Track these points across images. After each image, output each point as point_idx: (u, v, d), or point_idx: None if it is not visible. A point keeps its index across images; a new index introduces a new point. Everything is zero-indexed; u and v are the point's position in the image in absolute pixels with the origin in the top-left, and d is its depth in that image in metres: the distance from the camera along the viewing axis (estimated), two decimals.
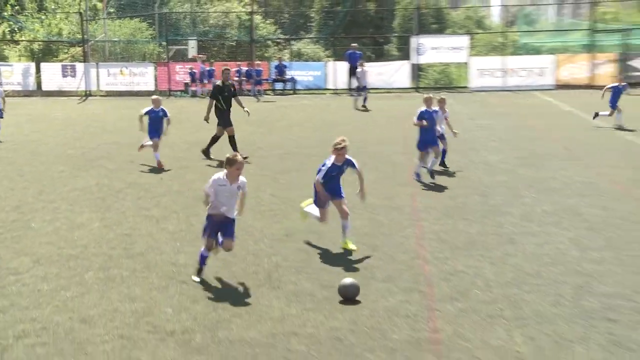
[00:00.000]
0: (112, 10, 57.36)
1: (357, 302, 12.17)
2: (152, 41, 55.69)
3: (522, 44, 56.73)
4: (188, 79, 49.33)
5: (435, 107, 22.32)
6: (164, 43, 54.82)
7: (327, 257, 14.51)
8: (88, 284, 13.53)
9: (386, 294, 12.58)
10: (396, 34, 56.17)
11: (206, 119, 27.26)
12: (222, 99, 26.68)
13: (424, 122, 21.43)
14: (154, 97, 26.50)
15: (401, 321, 11.46)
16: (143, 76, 51.40)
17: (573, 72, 52.47)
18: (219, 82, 28.13)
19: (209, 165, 24.73)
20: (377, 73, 47.62)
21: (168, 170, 24.12)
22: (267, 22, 57.99)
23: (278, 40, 56.00)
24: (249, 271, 13.98)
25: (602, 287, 12.86)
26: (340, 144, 14.63)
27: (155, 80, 51.20)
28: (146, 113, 25.07)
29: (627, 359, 10.11)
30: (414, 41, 51.68)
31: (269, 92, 50.29)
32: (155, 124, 25.10)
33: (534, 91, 50.02)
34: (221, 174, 13.25)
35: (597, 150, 26.90)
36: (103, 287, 13.36)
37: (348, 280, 12.13)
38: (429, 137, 21.67)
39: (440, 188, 20.66)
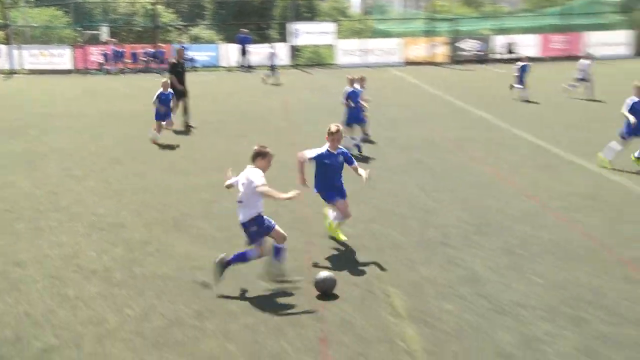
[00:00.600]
0: None
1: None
2: (68, 27, 54.37)
3: (377, 29, 57.59)
4: (102, 59, 48.68)
5: (358, 86, 20.44)
6: (79, 29, 53.61)
7: (226, 206, 14.46)
8: (19, 234, 13.30)
9: None
10: (277, 21, 56.15)
11: (177, 89, 24.94)
12: (176, 74, 25.46)
13: (352, 103, 19.61)
14: (164, 80, 23.53)
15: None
16: (61, 57, 50.06)
17: (416, 52, 53.83)
18: (174, 60, 26.65)
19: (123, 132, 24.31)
20: (262, 54, 47.73)
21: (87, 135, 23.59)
22: (169, 10, 57.55)
23: (178, 26, 55.50)
24: (160, 219, 13.92)
25: (440, 220, 13.26)
26: (331, 129, 11.85)
27: (74, 60, 50.07)
28: (158, 97, 22.52)
29: (458, 273, 10.50)
30: (291, 27, 52.21)
31: None
32: (167, 106, 22.74)
33: (387, 67, 50.78)
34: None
35: (435, 114, 27.33)
36: (33, 236, 13.14)
37: (324, 274, 10.54)
38: (354, 114, 19.85)
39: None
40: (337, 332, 8.71)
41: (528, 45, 53.39)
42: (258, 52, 48.88)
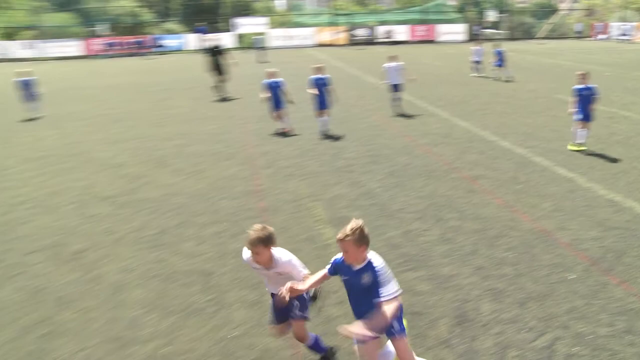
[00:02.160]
0: None
1: (213, 173, 12.23)
2: (78, 25, 52.02)
3: (296, 21, 56.93)
4: (102, 48, 47.14)
5: (322, 74, 15.68)
6: (85, 27, 51.26)
7: (195, 148, 14.28)
8: (53, 172, 13.01)
9: (229, 167, 12.66)
10: (225, 16, 55.09)
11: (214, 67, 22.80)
12: (213, 55, 23.03)
13: (316, 91, 15.41)
14: (271, 70, 16.40)
15: (239, 181, 11.59)
16: (72, 47, 47.86)
17: (324, 37, 53.36)
18: (210, 45, 23.92)
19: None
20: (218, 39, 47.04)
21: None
22: (147, 10, 55.86)
23: (154, 22, 53.91)
24: (149, 159, 13.73)
25: (346, 154, 13.36)
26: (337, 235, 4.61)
27: (82, 49, 48.22)
28: (266, 86, 15.93)
29: (359, 190, 10.64)
30: (236, 21, 51.24)
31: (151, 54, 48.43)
32: (276, 94, 15.86)
33: (304, 48, 50.46)
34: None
35: (338, 80, 27.05)
36: (61, 173, 12.88)
37: None
38: (322, 100, 15.49)
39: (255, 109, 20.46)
40: (277, 235, 8.78)
41: (400, 32, 54.14)
42: (211, 39, 47.65)
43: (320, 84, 15.47)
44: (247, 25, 51.54)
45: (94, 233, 9.31)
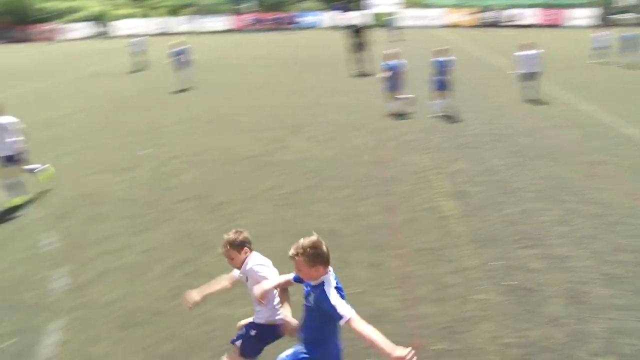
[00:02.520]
0: None
1: (343, 142, 12.27)
2: (227, 3, 53.48)
3: (427, 2, 55.01)
4: (249, 22, 48.37)
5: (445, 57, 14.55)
6: (234, 6, 52.62)
7: (327, 118, 14.35)
8: (210, 132, 13.66)
9: (358, 137, 12.64)
10: None
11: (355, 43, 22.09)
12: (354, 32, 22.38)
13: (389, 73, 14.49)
14: (391, 51, 15.11)
15: (366, 151, 11.58)
16: (223, 22, 49.21)
17: (454, 18, 51.15)
18: (354, 23, 23.95)
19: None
20: (358, 17, 46.50)
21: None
22: None
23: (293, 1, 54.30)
24: (284, 125, 14.01)
25: (469, 131, 12.91)
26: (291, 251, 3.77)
27: (232, 23, 49.56)
28: (386, 68, 14.75)
29: (481, 167, 10.28)
30: (370, 0, 50.28)
31: None
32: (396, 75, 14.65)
33: (435, 28, 49.05)
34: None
35: (461, 61, 26.07)
36: (210, 134, 13.48)
37: None
38: (441, 82, 14.32)
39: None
40: (399, 203, 8.72)
41: (528, 16, 50.74)
42: (350, 17, 47.29)
43: (441, 66, 14.45)
44: (381, 5, 50.59)
45: (234, 188, 9.68)
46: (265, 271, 4.30)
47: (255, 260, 4.37)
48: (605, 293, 5.98)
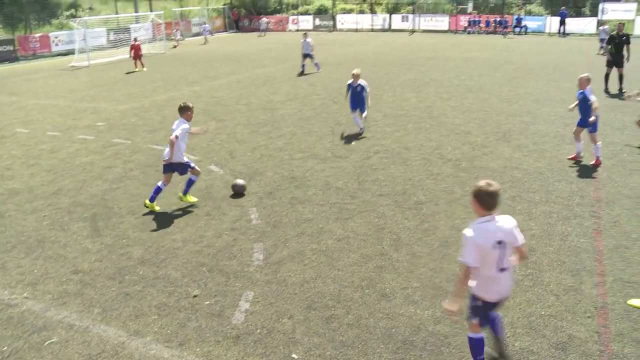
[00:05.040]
0: None
1: (553, 154, 11.48)
2: (449, 2, 52.62)
3: None
4: (466, 24, 47.14)
5: None
6: (455, 4, 51.54)
7: (539, 127, 13.57)
8: (408, 130, 13.74)
9: (571, 150, 11.73)
10: (590, 0, 49.95)
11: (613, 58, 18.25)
12: (615, 45, 18.17)
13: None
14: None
15: (578, 166, 10.71)
16: (442, 22, 48.45)
17: None
18: (613, 33, 18.68)
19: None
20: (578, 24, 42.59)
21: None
22: None
23: (518, 3, 51.35)
24: (494, 131, 13.51)
25: None
26: None
27: (449, 24, 48.69)
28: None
29: None
30: (601, 5, 45.73)
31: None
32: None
33: None
34: None
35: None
36: (415, 132, 13.52)
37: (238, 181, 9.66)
38: None
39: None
40: (608, 227, 7.95)
41: None
42: (572, 24, 43.70)
43: None
44: (614, 11, 45.81)
45: (434, 189, 9.64)
46: None
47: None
48: None
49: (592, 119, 10.35)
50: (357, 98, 13.27)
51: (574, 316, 5.77)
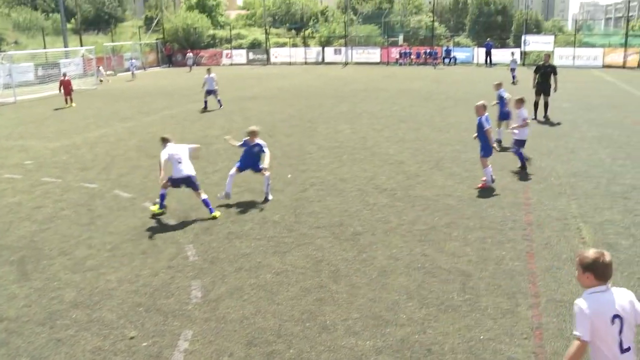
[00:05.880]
0: None
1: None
2: (379, 36, 54.00)
3: (584, 41, 51.74)
4: (397, 56, 48.62)
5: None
6: (386, 37, 53.24)
7: (470, 155, 13.98)
8: (344, 161, 13.86)
9: (502, 177, 12.10)
10: (513, 34, 52.68)
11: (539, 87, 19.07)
12: (541, 75, 18.82)
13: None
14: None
15: (509, 192, 11.05)
16: (374, 54, 49.81)
17: (613, 58, 47.42)
18: (540, 62, 19.78)
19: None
20: (501, 55, 44.75)
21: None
22: (441, 25, 55.68)
23: (447, 35, 53.47)
24: (427, 160, 13.79)
25: (622, 180, 11.86)
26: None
27: (380, 56, 50.04)
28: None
29: (635, 220, 9.38)
30: (523, 38, 48.23)
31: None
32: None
33: (590, 69, 45.92)
34: None
35: (624, 103, 24.12)
36: (351, 164, 13.64)
37: None
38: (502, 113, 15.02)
39: None
40: (539, 250, 8.20)
41: None
42: (498, 55, 45.72)
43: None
44: (535, 42, 48.42)
45: (371, 219, 9.69)
46: None
47: None
48: None
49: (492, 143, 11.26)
50: (251, 158, 11.00)
51: (511, 338, 5.86)
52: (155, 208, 10.25)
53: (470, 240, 8.61)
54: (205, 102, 23.73)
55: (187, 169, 10.05)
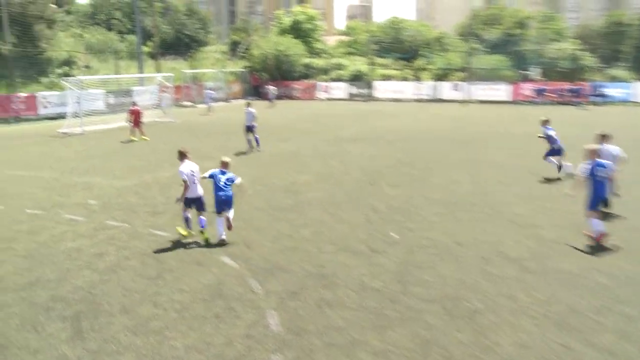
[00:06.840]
0: None
1: None
2: (509, 68, 52.29)
3: None
4: (532, 93, 47.51)
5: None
6: (517, 70, 51.50)
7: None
8: (461, 220, 13.52)
9: None
10: None
11: None
12: None
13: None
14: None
15: None
16: (501, 91, 48.88)
17: None
18: None
19: None
20: None
21: None
22: (589, 54, 52.93)
23: (597, 67, 50.93)
24: (570, 221, 13.15)
25: None
26: None
27: (510, 93, 48.99)
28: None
29: None
30: None
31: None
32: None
33: None
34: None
35: None
36: (469, 223, 13.24)
37: None
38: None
39: None
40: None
41: None
42: None
43: None
44: None
45: (493, 294, 9.24)
46: None
47: None
48: None
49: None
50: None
51: None
52: (185, 232, 12.05)
53: (629, 333, 7.93)
54: (249, 140, 24.22)
55: (200, 189, 11.98)
